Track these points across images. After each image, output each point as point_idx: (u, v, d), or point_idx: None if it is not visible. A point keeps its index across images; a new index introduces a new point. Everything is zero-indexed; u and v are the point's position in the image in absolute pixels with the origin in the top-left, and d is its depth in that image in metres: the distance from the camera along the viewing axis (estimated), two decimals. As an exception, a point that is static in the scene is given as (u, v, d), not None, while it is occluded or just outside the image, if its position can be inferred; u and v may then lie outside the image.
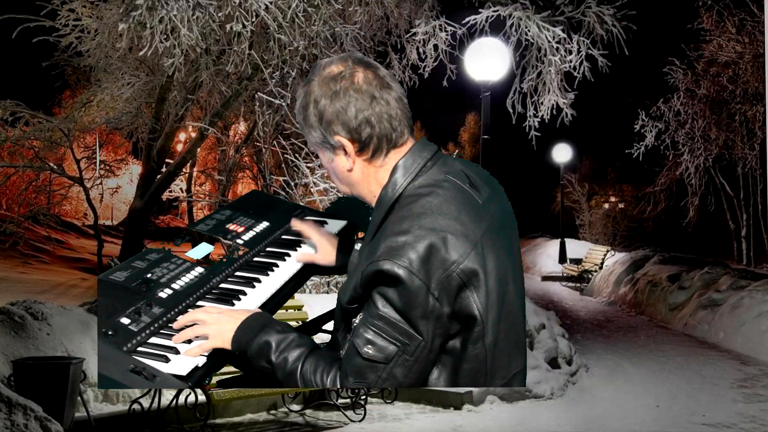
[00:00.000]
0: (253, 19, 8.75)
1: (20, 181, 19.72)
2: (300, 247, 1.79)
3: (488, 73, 8.16)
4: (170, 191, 21.36)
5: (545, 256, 21.81)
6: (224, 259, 1.72)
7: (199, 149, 18.74)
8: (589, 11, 9.62)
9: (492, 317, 1.28)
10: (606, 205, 27.79)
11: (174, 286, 1.56)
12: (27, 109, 13.78)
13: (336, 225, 1.86)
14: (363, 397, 5.60)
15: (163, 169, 15.43)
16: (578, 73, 9.69)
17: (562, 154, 22.69)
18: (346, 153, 1.35)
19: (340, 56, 1.38)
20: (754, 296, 9.40)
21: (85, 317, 5.49)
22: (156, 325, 1.44)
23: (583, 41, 9.64)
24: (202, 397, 4.70)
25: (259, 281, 1.65)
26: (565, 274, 18.74)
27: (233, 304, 1.56)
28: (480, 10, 9.69)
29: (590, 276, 17.18)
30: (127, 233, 15.25)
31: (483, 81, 8.16)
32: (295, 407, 5.77)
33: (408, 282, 1.21)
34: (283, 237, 1.84)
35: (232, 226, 1.84)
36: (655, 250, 16.46)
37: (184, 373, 1.34)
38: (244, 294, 1.60)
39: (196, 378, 1.37)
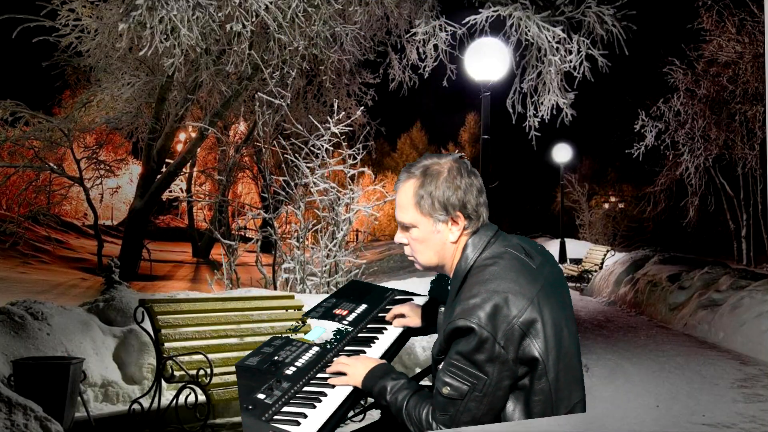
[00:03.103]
0: (253, 19, 8.75)
1: (20, 181, 19.73)
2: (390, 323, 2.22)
3: (488, 73, 8.16)
4: (170, 191, 21.37)
5: (545, 256, 21.78)
6: (335, 338, 2.08)
7: (199, 149, 18.75)
8: (589, 11, 9.62)
9: (552, 358, 1.61)
10: (606, 205, 27.80)
11: (297, 364, 1.90)
12: (27, 109, 13.79)
13: (421, 300, 2.29)
14: (363, 403, 5.59)
15: (163, 169, 15.44)
16: (578, 73, 9.70)
17: (562, 154, 22.70)
18: (456, 224, 1.72)
19: (452, 155, 1.78)
20: (754, 296, 9.40)
21: (85, 317, 5.49)
22: (286, 397, 1.77)
23: (583, 41, 9.65)
24: (202, 397, 4.70)
25: (364, 352, 2.02)
26: (565, 274, 18.73)
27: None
28: (480, 10, 9.70)
29: (590, 276, 17.18)
30: (127, 233, 15.26)
31: (483, 81, 8.16)
32: (295, 407, 5.77)
33: (478, 334, 1.55)
34: (380, 315, 2.23)
35: (338, 311, 2.24)
36: (655, 250, 16.46)
37: (315, 429, 1.67)
38: (363, 352, 2.01)
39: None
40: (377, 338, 2.09)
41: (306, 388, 1.82)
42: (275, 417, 1.69)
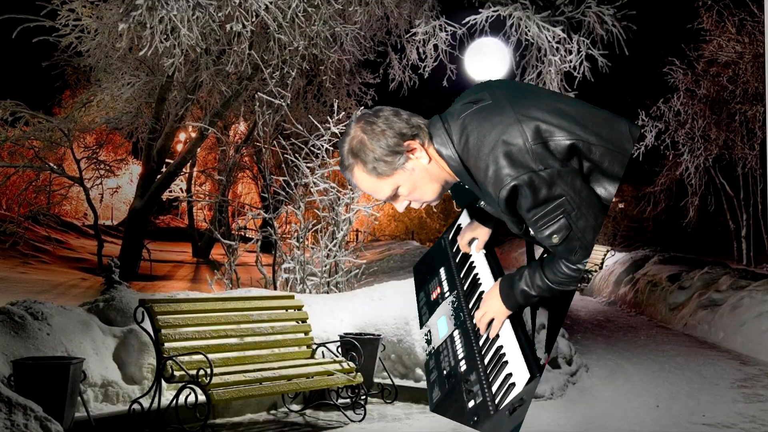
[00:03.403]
0: (253, 19, 8.75)
1: (20, 181, 19.72)
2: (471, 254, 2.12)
3: (488, 73, 8.15)
4: (170, 191, 21.35)
5: (545, 256, 21.77)
6: (456, 311, 1.99)
7: (199, 149, 18.74)
8: (589, 11, 9.62)
9: (578, 130, 1.58)
10: (606, 205, 27.74)
11: (460, 357, 1.85)
12: (27, 109, 13.78)
13: (464, 218, 2.20)
14: (363, 397, 5.60)
15: (163, 169, 15.43)
16: (578, 73, 9.70)
17: (562, 154, 22.65)
18: (414, 152, 1.64)
19: (351, 119, 1.74)
20: (754, 296, 9.40)
21: (85, 317, 5.49)
22: (484, 383, 1.73)
23: (583, 41, 9.64)
24: (202, 397, 4.70)
25: (482, 291, 1.93)
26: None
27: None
28: (480, 10, 9.70)
29: (590, 276, 17.18)
30: (127, 233, 15.26)
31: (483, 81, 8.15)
32: (295, 407, 5.77)
33: (521, 184, 1.51)
34: (458, 262, 2.14)
35: (433, 296, 2.13)
36: (655, 250, 16.47)
37: (527, 378, 1.67)
38: (477, 292, 1.96)
39: (535, 369, 1.68)
40: (477, 274, 2.02)
41: (486, 361, 1.77)
42: (496, 401, 1.68)
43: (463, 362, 1.82)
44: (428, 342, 2.02)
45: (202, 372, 4.65)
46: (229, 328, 5.37)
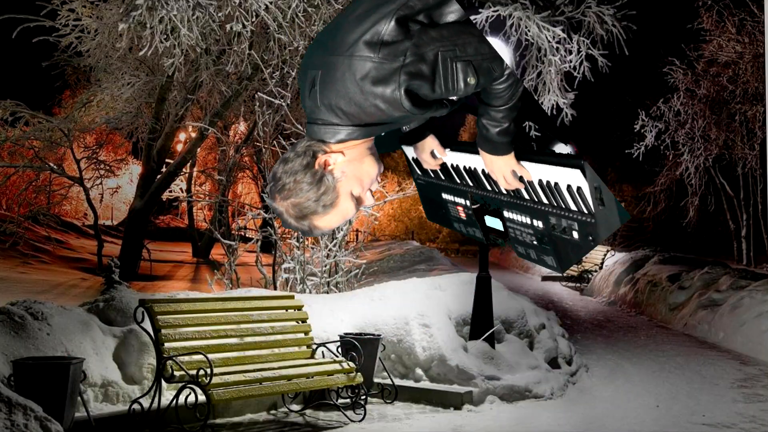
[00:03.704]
0: (253, 19, 8.75)
1: (20, 181, 19.72)
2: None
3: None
4: (170, 191, 21.35)
5: (545, 256, 21.76)
6: (486, 206, 1.94)
7: (199, 149, 18.74)
8: (589, 11, 9.62)
9: (389, 12, 1.48)
10: (606, 205, 27.74)
11: (528, 221, 1.79)
12: (27, 109, 13.79)
13: (409, 151, 2.10)
14: (363, 397, 5.60)
15: (163, 169, 15.44)
16: (578, 73, 9.69)
17: (562, 154, 22.65)
18: (329, 164, 1.52)
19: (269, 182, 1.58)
20: (754, 296, 9.40)
21: (85, 317, 5.49)
22: (555, 221, 1.69)
23: (583, 41, 9.64)
24: (202, 397, 4.70)
25: (479, 172, 1.89)
26: (565, 274, 18.75)
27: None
28: (480, 10, 9.69)
29: (590, 276, 17.18)
30: (127, 233, 15.26)
31: (483, 81, 8.15)
32: (295, 407, 5.77)
33: (406, 86, 1.41)
34: (444, 180, 2.06)
35: (463, 216, 2.06)
36: (655, 250, 16.47)
37: (580, 171, 1.57)
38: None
39: (576, 157, 1.62)
40: (465, 166, 1.96)
41: (546, 200, 1.71)
42: (585, 210, 1.60)
43: (536, 221, 1.75)
44: (503, 242, 1.94)
45: (202, 372, 4.65)
46: (229, 328, 5.37)
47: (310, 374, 5.21)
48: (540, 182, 1.70)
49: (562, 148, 1.76)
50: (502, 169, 1.73)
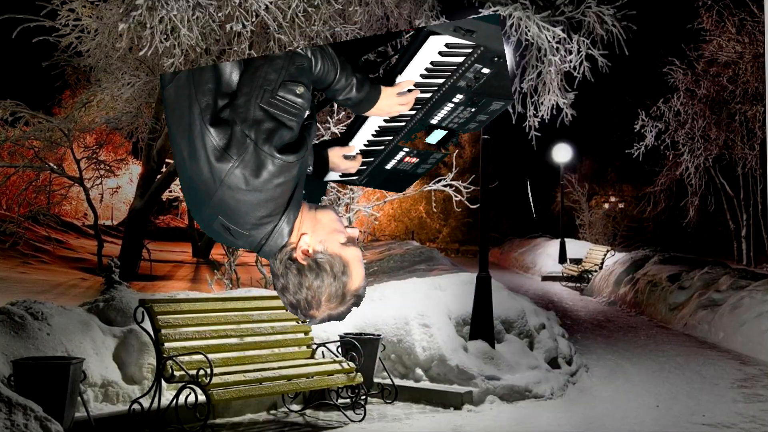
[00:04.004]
0: (253, 19, 8.75)
1: (20, 181, 19.71)
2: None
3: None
4: (170, 191, 21.33)
5: (545, 256, 21.81)
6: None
7: (199, 149, 18.71)
8: (589, 11, 9.62)
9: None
10: (606, 205, 27.79)
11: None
12: (27, 109, 13.78)
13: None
14: (363, 397, 5.60)
15: (163, 169, 15.43)
16: (578, 73, 9.69)
17: (562, 154, 22.70)
18: (302, 248, 1.51)
19: None
20: (754, 296, 9.40)
21: (85, 317, 5.49)
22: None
23: (583, 41, 9.64)
24: (202, 397, 4.70)
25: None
26: (565, 274, 18.74)
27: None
28: (480, 10, 9.70)
29: (590, 276, 17.18)
30: (127, 233, 15.26)
31: (483, 81, 8.14)
32: (295, 407, 5.77)
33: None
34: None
35: (412, 160, 2.07)
36: (655, 250, 16.46)
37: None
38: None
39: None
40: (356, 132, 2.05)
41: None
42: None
43: (456, 97, 1.78)
44: (456, 140, 1.98)
45: (202, 372, 4.65)
46: (229, 328, 5.37)
47: (310, 374, 5.21)
48: (422, 75, 1.73)
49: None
50: (391, 105, 1.76)
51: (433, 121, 1.87)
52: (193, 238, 22.59)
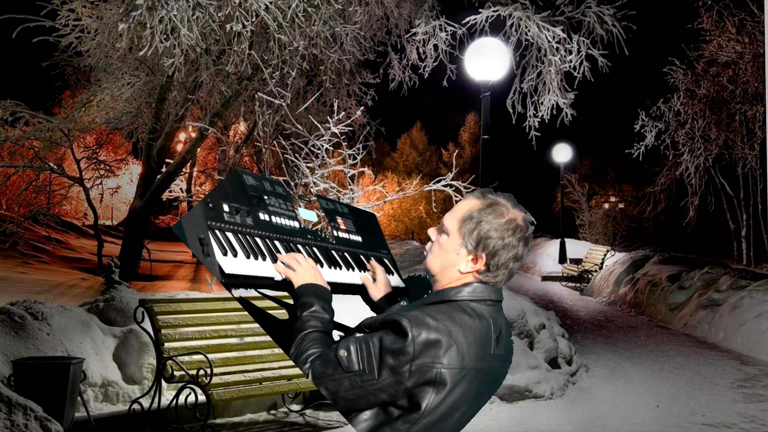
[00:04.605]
0: (253, 19, 8.75)
1: (20, 181, 19.72)
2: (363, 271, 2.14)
3: (488, 73, 8.15)
4: (170, 191, 21.37)
5: (545, 256, 21.82)
6: (315, 235, 2.01)
7: (199, 149, 18.74)
8: (589, 11, 9.62)
9: (429, 420, 1.57)
10: (606, 205, 27.80)
11: (274, 218, 1.86)
12: (27, 109, 13.78)
13: (396, 281, 2.20)
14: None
15: (163, 169, 15.43)
16: (578, 73, 9.69)
17: (562, 154, 22.70)
18: (474, 262, 1.68)
19: (526, 213, 1.74)
20: (754, 296, 9.40)
21: (85, 317, 5.49)
22: (239, 228, 1.73)
23: (583, 41, 9.64)
24: (202, 397, 4.70)
25: (321, 265, 1.94)
26: (565, 274, 18.75)
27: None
28: (480, 10, 9.70)
29: (590, 276, 17.17)
30: (127, 233, 15.25)
31: (483, 81, 8.16)
32: (295, 407, 5.77)
33: (406, 342, 1.52)
34: (360, 256, 2.15)
35: (339, 220, 2.16)
36: (655, 250, 16.46)
37: (226, 270, 1.61)
38: (321, 265, 1.93)
39: (230, 281, 1.64)
40: (340, 267, 2.03)
41: (257, 240, 1.76)
42: (216, 231, 1.66)
43: (266, 219, 1.83)
44: (300, 197, 2.08)
45: (202, 372, 4.65)
46: (229, 328, 5.37)
47: (310, 374, 5.21)
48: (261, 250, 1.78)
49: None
50: (299, 270, 1.81)
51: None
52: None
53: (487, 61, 8.12)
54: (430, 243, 1.79)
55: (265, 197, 1.87)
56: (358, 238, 2.21)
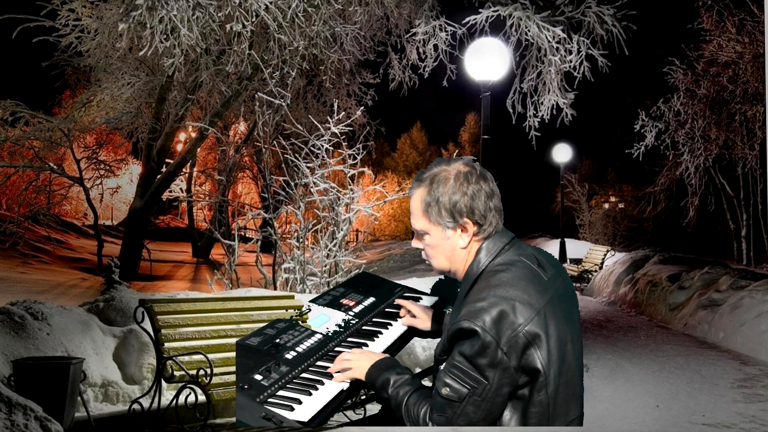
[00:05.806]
0: (253, 19, 8.75)
1: (20, 181, 19.72)
2: (399, 317, 2.18)
3: (488, 73, 8.15)
4: (170, 191, 21.35)
5: (545, 256, 21.78)
6: (339, 328, 2.06)
7: (199, 149, 18.74)
8: (589, 11, 9.62)
9: (554, 371, 1.60)
10: (606, 205, 27.80)
11: (298, 349, 1.89)
12: (27, 109, 13.79)
13: (429, 300, 2.27)
14: (363, 397, 5.59)
15: (163, 169, 15.43)
16: (578, 73, 9.70)
17: (562, 154, 22.69)
18: (465, 231, 1.70)
19: (462, 159, 1.74)
20: (754, 296, 9.40)
21: (85, 317, 5.49)
22: (283, 381, 1.76)
23: (583, 41, 9.65)
24: (202, 397, 4.70)
25: (366, 345, 2.00)
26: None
27: None
28: (480, 10, 9.70)
29: (590, 276, 17.18)
30: (127, 233, 15.26)
31: (483, 81, 8.16)
32: (295, 407, 5.77)
33: (481, 338, 1.54)
34: (387, 310, 2.20)
35: (345, 301, 2.20)
36: (655, 250, 16.46)
37: (305, 419, 1.66)
38: (366, 345, 1.99)
39: (316, 423, 1.69)
40: (381, 333, 2.07)
41: (304, 375, 1.80)
42: (269, 399, 1.69)
43: (294, 354, 1.86)
44: (300, 314, 2.10)
45: (202, 372, 4.65)
46: (229, 328, 5.37)
47: (310, 374, 5.21)
48: (320, 381, 1.83)
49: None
50: (356, 365, 1.84)
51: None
52: (193, 238, 22.59)
53: (487, 61, 8.11)
54: (423, 252, 1.80)
55: (277, 340, 1.90)
56: (372, 299, 2.25)
